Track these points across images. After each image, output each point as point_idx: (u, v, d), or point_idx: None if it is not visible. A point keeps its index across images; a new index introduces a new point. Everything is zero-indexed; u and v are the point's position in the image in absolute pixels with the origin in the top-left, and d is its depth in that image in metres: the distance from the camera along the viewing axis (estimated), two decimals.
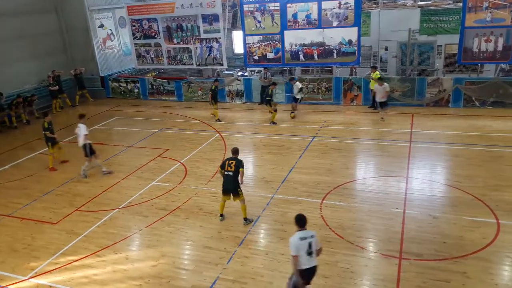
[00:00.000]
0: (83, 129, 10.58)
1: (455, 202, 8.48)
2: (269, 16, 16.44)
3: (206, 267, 6.97)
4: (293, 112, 14.67)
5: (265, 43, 16.85)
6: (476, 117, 13.62)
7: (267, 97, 14.27)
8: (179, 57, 18.64)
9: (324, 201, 8.78)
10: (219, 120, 14.90)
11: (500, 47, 14.10)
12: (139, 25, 18.90)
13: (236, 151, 8.24)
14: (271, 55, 16.94)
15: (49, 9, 19.13)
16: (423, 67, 16.97)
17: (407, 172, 9.93)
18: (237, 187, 7.96)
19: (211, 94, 14.83)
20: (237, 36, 21.05)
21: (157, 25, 18.46)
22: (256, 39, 16.95)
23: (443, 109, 14.67)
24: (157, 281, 6.74)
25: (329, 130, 13.25)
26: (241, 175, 7.95)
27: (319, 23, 15.83)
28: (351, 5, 15.28)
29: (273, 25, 16.49)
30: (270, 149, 12.02)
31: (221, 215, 8.39)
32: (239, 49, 20.92)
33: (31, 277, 7.08)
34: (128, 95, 19.54)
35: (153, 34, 18.73)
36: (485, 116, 13.59)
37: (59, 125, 14.07)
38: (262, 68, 17.10)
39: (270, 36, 16.71)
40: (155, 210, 8.97)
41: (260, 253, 7.27)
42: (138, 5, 19.24)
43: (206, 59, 18.10)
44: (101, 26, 20.17)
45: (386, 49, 17.69)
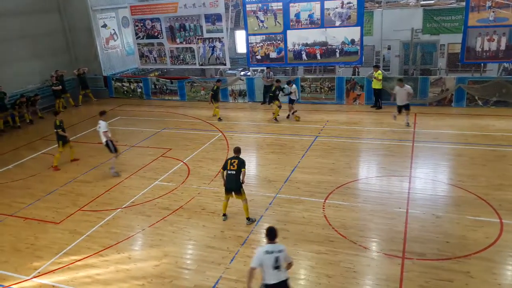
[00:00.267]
0: (103, 126, 10.61)
1: (458, 201, 8.45)
2: (272, 15, 16.44)
3: (208, 267, 6.97)
4: (294, 112, 14.54)
5: (268, 42, 16.85)
6: (479, 116, 13.57)
7: (270, 93, 14.36)
8: (182, 57, 18.67)
9: (327, 201, 8.77)
10: (220, 119, 14.93)
11: (503, 47, 14.04)
12: (142, 25, 18.94)
13: (238, 150, 8.26)
14: (273, 55, 16.94)
15: (52, 9, 19.20)
16: (426, 67, 16.93)
17: (410, 171, 9.90)
18: (239, 186, 7.98)
19: (211, 93, 14.92)
20: (240, 35, 21.07)
21: (160, 25, 18.49)
22: (259, 38, 16.95)
23: (446, 109, 14.63)
24: (159, 280, 6.76)
25: (332, 129, 13.24)
26: (243, 175, 7.98)
27: (322, 23, 15.82)
28: (353, 5, 15.26)
29: (275, 25, 16.48)
30: (273, 148, 12.01)
31: (224, 214, 8.40)
32: (242, 48, 20.92)
33: (34, 277, 7.10)
34: (131, 95, 19.58)
35: (156, 34, 18.76)
36: (488, 115, 13.54)
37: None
38: (265, 67, 17.11)
39: (272, 35, 16.70)
40: (158, 209, 8.99)
41: None
42: (141, 5, 19.29)
43: (209, 58, 18.12)
44: (104, 26, 20.22)
45: (389, 49, 17.65)
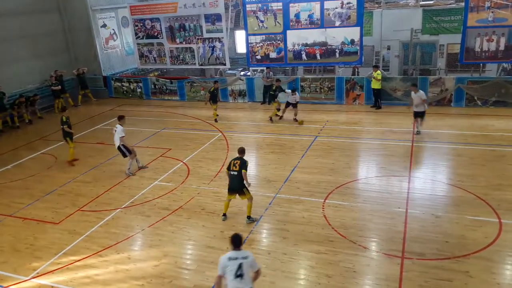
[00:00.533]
0: (119, 130, 10.55)
1: (457, 201, 8.46)
2: (271, 15, 16.45)
3: (208, 267, 6.97)
4: (295, 118, 14.11)
5: (268, 42, 16.86)
6: (478, 116, 13.58)
7: (271, 92, 14.43)
8: (181, 56, 18.67)
9: (326, 201, 8.78)
10: (216, 120, 14.90)
11: (502, 47, 14.06)
12: (141, 24, 18.93)
13: (242, 150, 8.16)
14: (273, 55, 16.94)
15: (51, 9, 19.18)
16: (425, 67, 16.95)
17: (410, 171, 9.91)
18: (242, 187, 7.94)
19: (208, 95, 14.86)
20: (240, 35, 21.08)
21: (160, 25, 18.49)
22: (258, 38, 16.96)
23: (445, 109, 14.64)
24: (159, 281, 6.75)
25: (332, 129, 13.24)
26: (245, 177, 7.85)
27: (322, 23, 15.83)
28: (353, 5, 15.27)
29: (275, 25, 16.49)
30: (272, 148, 12.01)
31: (224, 214, 8.40)
32: (241, 48, 20.94)
33: (33, 277, 7.09)
34: (130, 95, 19.58)
35: (156, 34, 18.76)
36: (487, 115, 13.55)
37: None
38: (264, 67, 17.11)
39: (272, 35, 16.71)
40: (158, 209, 8.99)
41: (262, 252, 7.27)
42: (140, 5, 19.29)
43: (208, 58, 18.12)
44: (104, 26, 20.21)
45: (388, 49, 17.68)
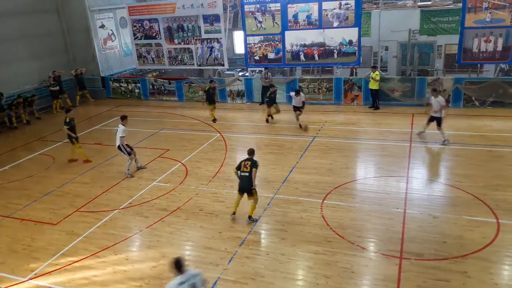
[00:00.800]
0: (120, 130, 10.54)
1: (455, 201, 8.48)
2: (270, 16, 16.45)
3: (206, 268, 6.96)
4: (300, 124, 13.44)
5: (266, 43, 16.86)
6: (476, 117, 13.61)
7: (267, 97, 14.33)
8: (180, 57, 18.66)
9: (325, 201, 8.78)
10: (214, 120, 14.90)
11: (499, 47, 14.10)
12: (140, 25, 18.92)
13: (251, 151, 8.27)
14: (272, 56, 16.95)
15: (50, 9, 19.16)
16: (423, 67, 16.98)
17: (408, 171, 9.92)
18: (252, 187, 7.98)
19: (205, 95, 14.81)
20: (238, 36, 21.09)
21: (158, 26, 18.48)
22: (257, 39, 16.96)
23: None
24: (157, 282, 6.74)
25: (330, 130, 13.25)
26: (254, 176, 7.91)
27: (320, 24, 15.84)
28: (351, 6, 15.29)
29: (274, 26, 16.50)
30: (271, 149, 12.02)
31: (234, 213, 8.36)
32: (240, 49, 20.95)
33: (31, 279, 7.07)
34: (128, 96, 19.56)
35: (154, 34, 18.75)
36: (485, 116, 13.58)
37: (59, 125, 14.05)
38: (263, 68, 17.12)
39: (271, 36, 16.72)
40: (156, 210, 8.98)
41: (261, 253, 7.28)
42: (139, 5, 19.27)
43: (207, 59, 18.12)
44: (102, 26, 20.19)
45: (386, 50, 17.71)
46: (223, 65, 18.05)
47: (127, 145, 10.78)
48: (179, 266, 5.03)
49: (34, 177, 11.28)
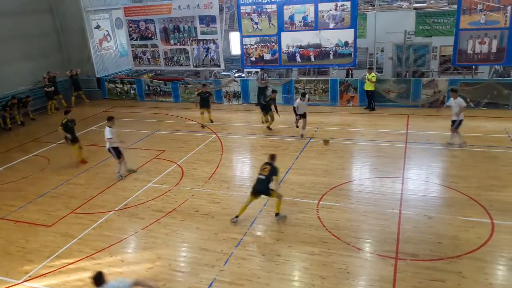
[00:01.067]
0: (107, 132, 10.36)
1: (450, 202, 8.52)
2: (266, 17, 16.47)
3: (202, 269, 6.95)
4: (301, 134, 12.81)
5: (262, 44, 16.88)
6: (470, 118, 13.63)
7: (263, 102, 13.47)
8: (176, 58, 18.63)
9: (320, 202, 8.79)
10: (203, 126, 14.40)
11: (494, 49, 14.19)
12: (135, 26, 18.86)
13: (272, 157, 8.16)
14: (268, 57, 16.97)
15: (44, 9, 19.05)
16: (419, 69, 17.06)
17: (403, 172, 9.96)
18: (269, 189, 7.95)
19: (198, 99, 14.44)
20: (234, 37, 21.08)
21: (154, 26, 18.44)
22: (253, 40, 16.97)
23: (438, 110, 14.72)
24: (153, 283, 6.70)
25: (326, 131, 13.27)
26: (276, 182, 8.03)
27: (316, 25, 15.88)
28: (347, 7, 15.34)
29: (270, 27, 16.52)
30: (267, 150, 11.97)
31: (237, 217, 8.16)
32: (236, 50, 20.93)
33: (25, 281, 7.02)
34: (124, 96, 19.49)
35: (150, 35, 18.71)
36: (479, 117, 13.67)
37: (54, 126, 14.00)
38: (259, 69, 17.13)
39: (267, 37, 16.74)
40: (151, 212, 8.94)
41: (257, 254, 7.27)
42: (135, 6, 19.23)
43: (203, 60, 18.10)
44: (98, 27, 20.12)
45: (382, 51, 17.77)
46: (219, 66, 18.05)
47: (115, 148, 10.51)
48: (98, 281, 5.16)
49: (28, 178, 11.20)
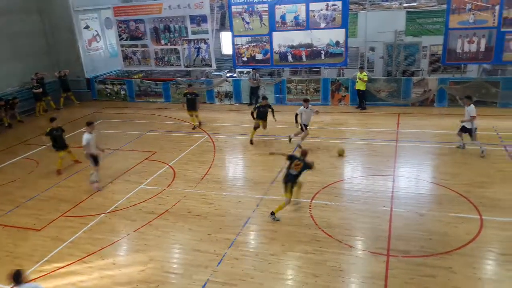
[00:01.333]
0: (84, 138, 9.87)
1: (440, 199, 8.61)
2: (257, 17, 16.46)
3: (195, 271, 6.91)
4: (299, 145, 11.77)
5: (254, 44, 16.86)
6: (460, 116, 13.73)
7: (255, 108, 12.45)
8: (166, 58, 18.52)
9: (313, 201, 8.82)
10: (194, 127, 14.18)
11: (482, 48, 14.38)
12: (125, 26, 18.71)
13: (304, 153, 8.22)
14: (259, 56, 16.96)
15: (32, 9, 18.76)
16: (409, 68, 17.20)
17: (394, 170, 10.04)
18: (297, 181, 8.21)
19: (184, 99, 14.17)
20: (226, 37, 21.01)
21: (144, 26, 18.31)
22: (244, 40, 16.95)
23: (428, 109, 14.90)
24: (145, 286, 6.66)
25: (318, 130, 13.30)
26: (312, 166, 8.14)
27: (307, 25, 15.92)
28: (338, 7, 15.40)
29: (261, 26, 16.51)
30: (259, 150, 12.02)
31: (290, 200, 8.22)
32: (227, 50, 20.87)
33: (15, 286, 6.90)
34: (114, 97, 19.32)
35: (140, 35, 18.57)
36: None
37: (42, 129, 13.80)
38: (251, 69, 17.12)
39: (258, 37, 16.73)
40: (143, 214, 8.88)
41: (250, 254, 7.26)
42: (124, 6, 19.06)
43: (194, 60, 18.03)
44: (87, 27, 19.91)
45: (373, 50, 17.87)
46: (211, 66, 17.99)
47: (92, 155, 9.93)
48: (14, 278, 5.24)
49: (17, 181, 11.03)
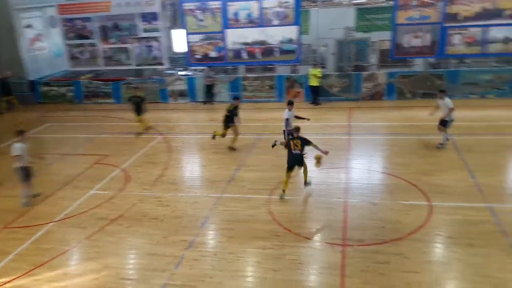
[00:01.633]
0: (15, 149, 8.96)
1: (391, 188, 8.97)
2: (210, 14, 16.28)
3: (152, 275, 6.70)
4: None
5: (208, 41, 16.66)
6: (408, 108, 14.54)
7: (227, 113, 11.48)
8: (116, 57, 17.84)
9: (271, 197, 8.86)
10: (141, 133, 13.34)
11: (428, 42, 15.20)
12: (71, 24, 17.80)
13: (297, 129, 8.74)
14: (213, 54, 16.79)
15: None
16: (359, 63, 17.75)
17: (348, 163, 10.33)
18: (303, 161, 8.72)
19: (132, 103, 13.26)
20: (178, 34, 20.57)
21: (92, 25, 17.52)
22: (198, 37, 16.70)
23: (379, 102, 15.51)
24: None
25: (274, 127, 13.36)
26: (316, 148, 8.67)
27: (260, 22, 15.97)
28: (290, 4, 15.58)
29: (214, 24, 16.35)
30: (216, 149, 11.89)
31: (283, 190, 8.71)
32: (180, 48, 20.44)
33: None
34: (61, 100, 18.30)
35: (88, 34, 17.75)
36: (416, 107, 14.56)
37: None
38: (205, 67, 16.91)
39: (212, 34, 16.55)
40: (95, 220, 8.47)
41: (209, 254, 7.15)
42: (70, 3, 18.05)
43: (146, 59, 17.52)
44: (29, 26, 18.69)
45: (325, 47, 18.25)
46: (163, 65, 17.57)
47: (24, 168, 9.02)
48: None
49: None
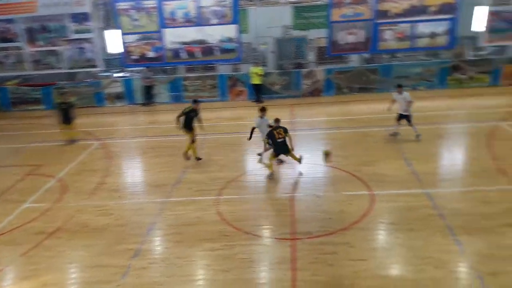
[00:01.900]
0: None
1: (334, 180, 9.33)
2: (146, 14, 15.76)
3: None
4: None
5: (145, 42, 16.12)
6: (345, 102, 15.25)
7: (183, 114, 10.42)
8: (46, 61, 16.62)
9: (219, 197, 8.79)
10: (72, 141, 12.53)
11: (362, 39, 16.03)
12: None
13: (277, 120, 9.52)
14: (151, 54, 16.29)
15: None
16: (298, 61, 18.23)
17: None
18: (288, 148, 9.35)
19: (59, 110, 12.31)
20: (113, 35, 19.63)
21: (17, 27, 16.17)
22: (134, 38, 16.12)
23: (318, 98, 16.12)
24: None
25: (219, 126, 13.34)
26: (290, 140, 9.31)
27: (198, 21, 15.77)
28: (228, 3, 15.57)
29: (151, 23, 15.85)
30: (158, 152, 11.54)
31: (271, 173, 9.44)
32: (115, 49, 19.52)
33: None
34: None
35: (12, 37, 16.35)
36: (353, 101, 15.33)
37: None
38: (143, 68, 16.36)
39: (149, 34, 16.05)
40: (31, 235, 7.82)
41: (157, 261, 6.92)
42: None
43: (78, 61, 16.53)
44: None
45: (264, 45, 18.50)
46: (97, 67, 16.70)
47: None
48: None
49: None
